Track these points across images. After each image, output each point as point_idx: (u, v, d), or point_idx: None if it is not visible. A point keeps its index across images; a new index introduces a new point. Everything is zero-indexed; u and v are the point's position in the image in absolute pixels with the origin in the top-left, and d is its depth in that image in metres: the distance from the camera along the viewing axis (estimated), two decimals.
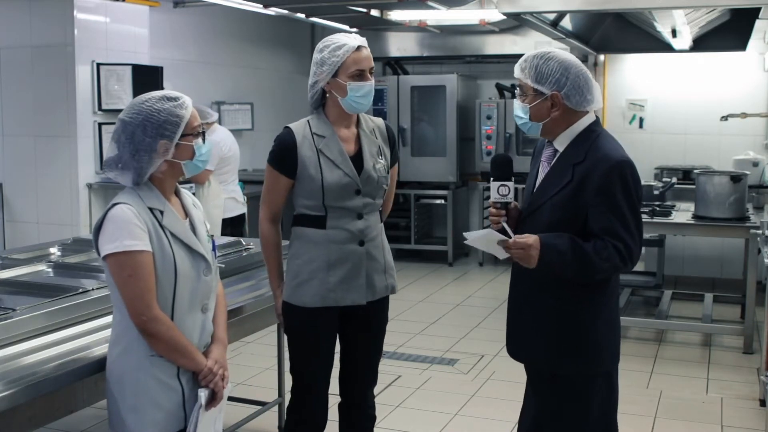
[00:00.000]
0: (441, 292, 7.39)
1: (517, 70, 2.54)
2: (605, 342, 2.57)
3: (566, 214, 2.45)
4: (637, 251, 2.45)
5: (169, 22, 7.09)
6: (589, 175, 2.42)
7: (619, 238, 2.40)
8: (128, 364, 2.31)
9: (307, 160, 2.88)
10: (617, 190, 2.40)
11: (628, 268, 2.47)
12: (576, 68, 2.48)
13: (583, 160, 2.45)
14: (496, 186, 2.56)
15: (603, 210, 2.41)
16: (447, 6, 6.84)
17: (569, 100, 2.47)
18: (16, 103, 6.01)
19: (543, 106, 2.49)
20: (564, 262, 2.40)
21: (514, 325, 2.66)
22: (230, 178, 6.43)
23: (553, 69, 2.46)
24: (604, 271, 2.44)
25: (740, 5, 5.74)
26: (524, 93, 2.52)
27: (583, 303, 2.51)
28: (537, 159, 2.66)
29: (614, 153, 2.46)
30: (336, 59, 2.85)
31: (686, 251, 7.75)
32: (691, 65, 7.89)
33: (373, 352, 3.14)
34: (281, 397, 4.08)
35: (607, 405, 2.61)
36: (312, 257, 2.92)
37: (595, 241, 2.40)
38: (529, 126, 2.54)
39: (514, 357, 2.70)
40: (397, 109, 8.76)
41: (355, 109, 2.91)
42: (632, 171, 2.45)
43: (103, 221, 2.27)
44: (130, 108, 2.33)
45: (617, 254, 2.40)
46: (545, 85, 2.46)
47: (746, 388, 4.83)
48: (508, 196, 2.56)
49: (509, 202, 2.57)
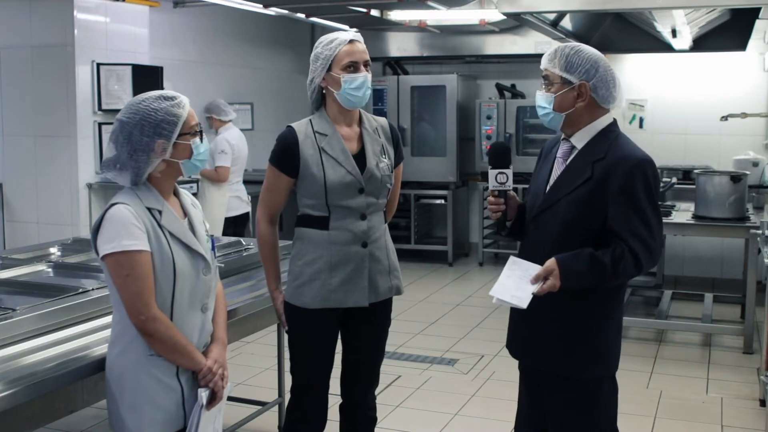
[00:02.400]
0: (441, 292, 7.39)
1: (545, 60, 2.53)
2: (615, 344, 2.57)
3: (584, 212, 2.44)
4: (657, 250, 2.45)
5: (169, 22, 7.09)
6: (610, 173, 2.42)
7: (640, 238, 2.39)
8: (128, 364, 2.31)
9: (310, 158, 2.87)
10: (639, 189, 2.41)
11: (647, 269, 2.47)
12: (605, 63, 2.50)
13: (603, 157, 2.45)
14: (494, 174, 2.56)
15: (625, 208, 2.40)
16: (447, 6, 6.84)
17: (596, 93, 2.47)
18: (16, 103, 6.01)
19: (569, 95, 2.48)
20: (582, 283, 2.40)
21: (521, 327, 2.62)
22: (236, 177, 6.51)
23: (583, 59, 2.47)
24: (620, 281, 2.48)
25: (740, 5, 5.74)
26: (551, 83, 2.51)
27: (597, 305, 2.50)
28: (547, 158, 2.64)
29: (637, 152, 2.47)
30: (329, 52, 2.85)
31: (686, 251, 7.75)
32: (691, 65, 7.89)
33: (374, 352, 3.13)
34: (281, 397, 4.08)
35: (613, 407, 2.61)
36: (314, 258, 2.91)
37: (614, 249, 2.39)
38: (551, 117, 2.52)
39: (519, 359, 2.67)
40: (397, 109, 8.76)
41: (351, 102, 2.89)
42: (654, 170, 2.46)
43: (102, 222, 2.27)
44: (128, 108, 2.33)
45: (634, 261, 2.39)
46: (574, 74, 2.46)
47: (746, 388, 4.83)
48: (506, 183, 2.56)
49: (508, 189, 2.57)
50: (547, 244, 2.47)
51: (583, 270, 2.38)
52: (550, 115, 2.52)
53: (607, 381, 2.57)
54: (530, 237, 2.55)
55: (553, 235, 2.48)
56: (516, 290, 2.40)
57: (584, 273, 2.38)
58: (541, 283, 2.39)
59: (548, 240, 2.48)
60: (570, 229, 2.45)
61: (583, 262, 2.38)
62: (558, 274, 2.37)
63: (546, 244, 2.47)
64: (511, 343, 2.69)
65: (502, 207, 2.57)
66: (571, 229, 2.45)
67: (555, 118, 2.52)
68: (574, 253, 2.40)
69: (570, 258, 2.39)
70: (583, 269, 2.38)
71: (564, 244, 2.43)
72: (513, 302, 2.39)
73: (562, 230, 2.46)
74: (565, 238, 2.45)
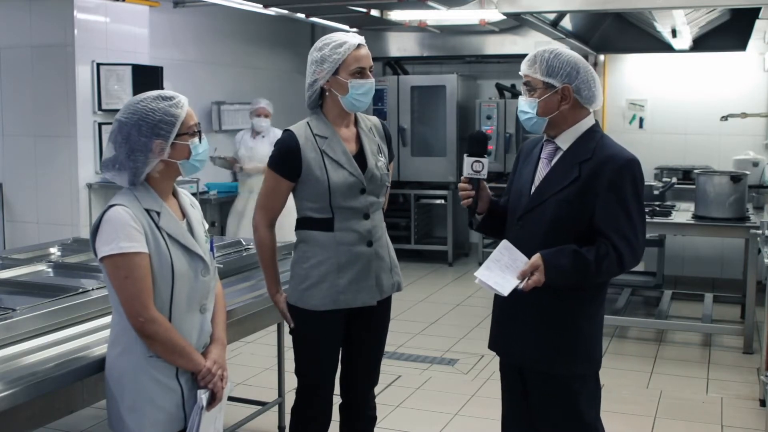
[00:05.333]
0: (441, 292, 7.39)
1: (525, 66, 2.55)
2: (598, 342, 2.62)
3: (572, 211, 2.47)
4: (641, 250, 2.49)
5: (169, 22, 7.09)
6: (598, 173, 2.45)
7: (625, 237, 2.44)
8: (127, 365, 2.31)
9: (312, 161, 2.87)
10: (627, 188, 2.45)
11: (628, 268, 2.50)
12: (585, 64, 2.54)
13: (590, 157, 2.49)
14: (470, 161, 2.60)
15: (612, 207, 2.44)
16: (447, 6, 6.84)
17: (579, 94, 2.51)
18: (16, 103, 6.01)
19: (553, 99, 2.51)
20: (566, 279, 2.44)
21: (506, 326, 2.65)
22: None
23: (564, 63, 2.50)
24: (602, 279, 2.52)
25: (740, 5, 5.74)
26: (533, 88, 2.53)
27: (580, 304, 2.54)
28: (528, 158, 2.67)
29: (624, 152, 2.52)
30: (337, 56, 2.85)
31: (686, 251, 7.75)
32: (691, 65, 7.89)
33: (375, 350, 3.14)
34: (281, 397, 4.08)
35: (597, 404, 2.65)
36: (321, 260, 2.90)
37: (598, 247, 2.43)
38: (534, 122, 2.55)
39: (505, 358, 2.70)
40: (397, 109, 8.76)
41: (355, 107, 2.91)
42: (640, 170, 2.51)
43: (100, 223, 2.27)
44: (126, 108, 2.33)
45: (617, 259, 2.44)
46: (556, 78, 2.49)
47: (746, 388, 4.83)
48: (481, 172, 2.60)
49: (482, 178, 2.61)
50: (534, 243, 2.50)
51: (567, 266, 2.42)
52: (533, 120, 2.55)
53: (591, 378, 2.61)
54: (516, 236, 2.57)
55: (540, 235, 2.51)
56: (500, 278, 2.45)
57: (568, 269, 2.42)
58: (527, 278, 2.42)
59: (535, 239, 2.51)
60: (557, 228, 2.49)
61: (567, 258, 2.42)
62: (543, 270, 2.41)
63: (533, 243, 2.50)
64: (495, 341, 2.71)
65: (472, 193, 2.61)
66: (559, 229, 2.49)
67: (538, 122, 2.55)
68: (559, 248, 2.44)
69: (555, 253, 2.43)
70: (567, 265, 2.42)
71: (551, 242, 2.47)
72: (496, 288, 2.44)
73: (550, 229, 2.50)
74: (552, 236, 2.49)
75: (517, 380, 2.66)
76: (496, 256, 2.48)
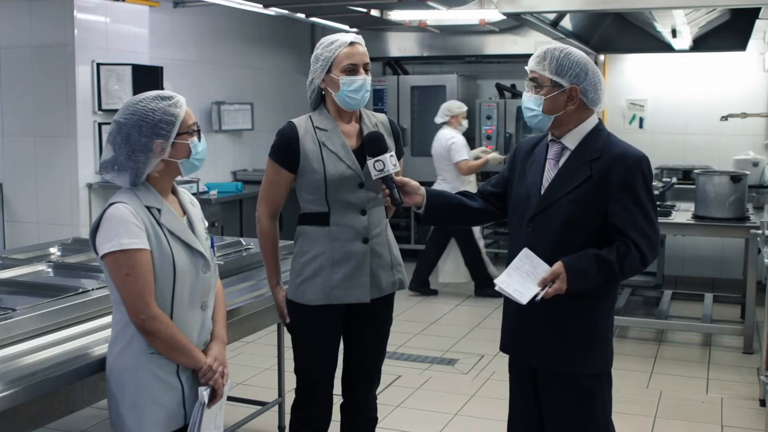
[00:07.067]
0: (441, 292, 7.38)
1: (533, 62, 2.53)
2: (611, 340, 2.62)
3: (585, 210, 2.46)
4: (658, 244, 2.51)
5: (169, 22, 7.09)
6: (609, 171, 2.45)
7: (643, 233, 2.44)
8: (128, 362, 2.31)
9: (310, 152, 2.88)
10: (640, 185, 2.46)
11: (650, 263, 2.51)
12: (593, 66, 2.53)
13: (599, 156, 2.48)
14: (371, 163, 2.65)
15: (627, 205, 2.44)
16: (447, 6, 6.84)
17: (585, 96, 2.50)
18: (16, 103, 6.01)
19: (560, 98, 2.50)
20: (590, 283, 2.43)
21: (521, 327, 2.61)
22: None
23: (573, 63, 2.48)
24: (625, 278, 2.53)
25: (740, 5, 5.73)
26: (539, 85, 2.52)
27: (596, 303, 2.53)
28: (531, 159, 2.64)
29: (632, 149, 2.52)
30: (329, 54, 2.86)
31: (686, 251, 7.75)
32: (691, 65, 7.89)
33: (377, 349, 3.13)
34: (281, 397, 4.07)
35: (609, 403, 2.63)
36: (315, 255, 2.91)
37: (618, 247, 2.42)
38: (539, 119, 2.53)
39: (519, 358, 2.68)
40: (397, 109, 8.76)
41: (348, 104, 2.90)
42: (649, 166, 2.52)
43: (101, 221, 2.27)
44: (125, 109, 2.33)
45: (639, 257, 2.44)
46: (565, 78, 2.48)
47: (746, 388, 4.83)
48: (384, 169, 2.65)
49: (388, 174, 2.65)
50: (547, 243, 2.48)
51: (591, 270, 2.40)
52: (539, 117, 2.54)
53: (604, 377, 2.60)
54: (528, 238, 2.55)
55: (553, 235, 2.49)
56: (520, 285, 2.43)
57: (591, 273, 2.40)
58: (547, 286, 2.40)
59: (548, 239, 2.49)
60: (570, 228, 2.47)
61: (590, 262, 2.41)
62: (565, 278, 2.39)
63: (546, 243, 2.48)
64: (509, 343, 2.69)
65: (386, 192, 2.65)
66: (572, 228, 2.47)
67: (543, 120, 2.53)
68: (579, 254, 2.42)
69: (576, 260, 2.41)
70: (591, 269, 2.40)
71: (564, 242, 2.46)
72: (514, 296, 2.43)
73: (562, 229, 2.48)
74: (564, 236, 2.47)
75: (529, 382, 2.64)
76: (517, 263, 2.46)
